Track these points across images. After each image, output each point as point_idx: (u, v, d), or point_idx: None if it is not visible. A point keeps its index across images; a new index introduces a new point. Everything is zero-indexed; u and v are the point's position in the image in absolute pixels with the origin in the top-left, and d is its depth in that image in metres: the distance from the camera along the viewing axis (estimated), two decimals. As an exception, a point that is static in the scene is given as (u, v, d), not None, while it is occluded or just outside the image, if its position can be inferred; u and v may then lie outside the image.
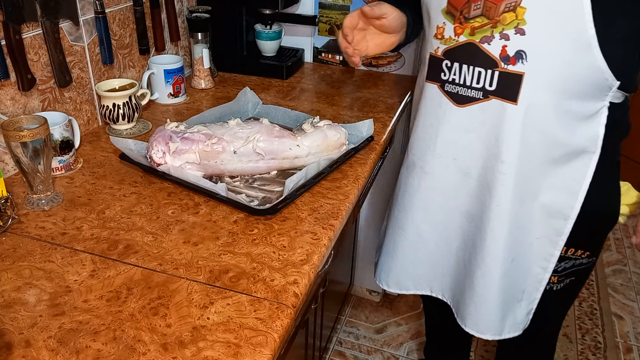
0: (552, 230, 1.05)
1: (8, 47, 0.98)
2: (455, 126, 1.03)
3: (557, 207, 1.03)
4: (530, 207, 1.04)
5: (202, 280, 0.78)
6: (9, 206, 0.87)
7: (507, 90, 0.94)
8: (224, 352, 0.66)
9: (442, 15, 0.99)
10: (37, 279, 0.77)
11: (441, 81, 1.02)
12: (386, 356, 1.86)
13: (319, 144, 1.06)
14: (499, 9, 0.90)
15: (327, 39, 1.66)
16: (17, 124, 0.90)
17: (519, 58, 0.91)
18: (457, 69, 0.99)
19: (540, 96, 0.92)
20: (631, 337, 2.00)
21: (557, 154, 0.98)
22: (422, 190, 1.15)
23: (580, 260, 1.12)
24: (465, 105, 1.00)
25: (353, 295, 2.12)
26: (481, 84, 0.96)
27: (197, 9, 1.46)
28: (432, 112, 1.07)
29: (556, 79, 0.91)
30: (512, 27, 0.89)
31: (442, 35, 0.99)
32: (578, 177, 1.00)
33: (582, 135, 0.96)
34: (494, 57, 0.93)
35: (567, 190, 1.01)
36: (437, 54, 1.02)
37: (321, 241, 0.87)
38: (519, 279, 1.12)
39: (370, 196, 1.80)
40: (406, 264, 1.27)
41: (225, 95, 1.45)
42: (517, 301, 1.15)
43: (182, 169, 0.99)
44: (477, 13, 0.93)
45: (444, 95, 1.03)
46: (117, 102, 1.16)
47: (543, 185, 1.02)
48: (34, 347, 0.66)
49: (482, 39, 0.93)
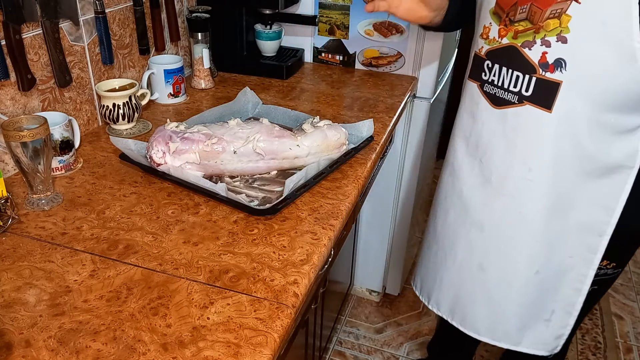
0: (585, 248, 1.03)
1: (8, 47, 0.98)
2: (488, 127, 1.03)
3: (591, 222, 1.01)
4: (562, 222, 1.02)
5: (202, 280, 0.78)
6: (9, 206, 0.87)
7: (543, 97, 0.93)
8: (224, 352, 0.66)
9: (490, 16, 0.98)
10: (37, 279, 0.77)
11: (481, 81, 1.02)
12: (386, 356, 1.86)
13: (319, 144, 1.06)
14: (544, 14, 0.89)
15: (327, 39, 1.66)
16: (17, 124, 0.89)
17: (558, 66, 0.90)
18: (497, 70, 0.98)
19: (576, 106, 0.91)
20: (631, 337, 2.00)
21: (591, 167, 0.96)
22: (448, 188, 1.15)
23: (605, 271, 1.11)
24: (501, 107, 0.99)
25: (353, 295, 2.12)
26: (518, 88, 0.95)
27: (197, 9, 1.46)
28: (469, 110, 1.07)
29: (595, 90, 0.89)
30: (554, 34, 0.88)
31: (487, 35, 0.99)
32: (615, 193, 0.97)
33: (619, 150, 0.94)
34: (533, 63, 0.92)
35: (603, 206, 0.99)
36: (481, 53, 1.01)
37: (321, 241, 0.87)
38: (546, 295, 1.10)
39: (370, 196, 1.80)
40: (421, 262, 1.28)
41: (225, 95, 1.45)
42: (544, 320, 1.13)
43: (182, 169, 0.99)
44: (522, 17, 0.92)
45: (482, 95, 1.02)
46: (117, 102, 1.16)
47: (577, 200, 0.99)
48: (34, 347, 0.66)
49: (524, 44, 0.92)
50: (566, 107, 0.91)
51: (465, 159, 1.09)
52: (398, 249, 1.95)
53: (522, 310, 1.11)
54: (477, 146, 1.06)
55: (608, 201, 0.98)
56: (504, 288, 1.10)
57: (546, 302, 1.11)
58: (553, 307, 1.11)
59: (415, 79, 1.62)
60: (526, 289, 1.09)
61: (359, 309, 2.06)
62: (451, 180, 1.14)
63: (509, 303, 1.11)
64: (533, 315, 1.13)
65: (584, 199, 0.99)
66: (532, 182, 0.99)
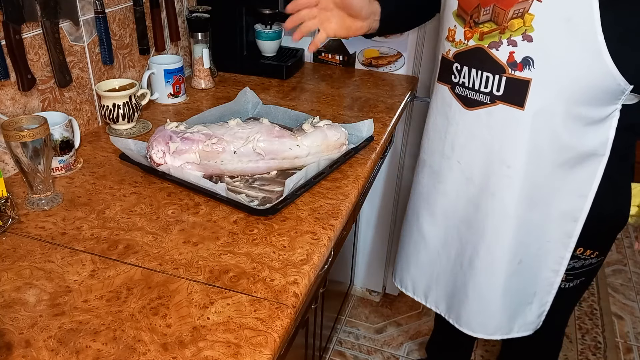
0: (562, 233, 1.05)
1: (8, 47, 0.98)
2: (463, 129, 1.03)
3: (567, 209, 1.03)
4: (541, 212, 1.03)
5: (202, 280, 0.78)
6: (9, 206, 0.87)
7: (514, 96, 0.94)
8: (224, 352, 0.66)
9: (453, 18, 0.99)
10: (37, 279, 0.77)
11: (452, 83, 1.03)
12: (386, 356, 1.86)
13: (319, 144, 1.06)
14: (507, 15, 0.89)
15: (327, 39, 1.65)
16: (17, 124, 0.89)
17: (526, 64, 0.90)
18: (466, 72, 0.99)
19: (547, 102, 0.92)
20: (631, 337, 2.00)
21: (565, 158, 0.97)
22: (429, 189, 1.16)
23: (589, 260, 1.12)
24: (474, 108, 1.00)
25: (353, 295, 2.12)
26: (489, 89, 0.96)
27: (197, 9, 1.46)
28: (442, 112, 1.07)
29: (565, 85, 0.90)
30: (519, 34, 0.89)
31: (453, 38, 0.99)
32: (587, 180, 0.99)
33: (592, 139, 0.96)
34: (501, 63, 0.93)
35: (577, 193, 1.01)
36: (449, 56, 1.02)
37: (321, 241, 0.87)
38: (528, 281, 1.12)
39: (370, 196, 1.80)
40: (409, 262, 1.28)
41: (225, 95, 1.45)
42: (528, 303, 1.15)
43: (182, 169, 0.99)
44: (487, 18, 0.93)
45: (453, 98, 1.03)
46: (117, 102, 1.16)
47: (553, 189, 1.01)
48: (34, 347, 0.66)
49: (491, 44, 0.93)
50: (538, 104, 0.92)
51: (443, 161, 1.10)
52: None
53: (509, 300, 1.14)
54: (453, 148, 1.07)
55: (582, 188, 1.00)
56: (492, 283, 1.11)
57: (528, 287, 1.13)
58: (534, 289, 1.13)
59: (415, 79, 1.62)
60: (511, 279, 1.11)
61: (359, 309, 2.06)
62: (432, 183, 1.15)
63: (498, 297, 1.13)
64: (519, 303, 1.15)
65: (560, 188, 1.01)
66: (511, 178, 1.00)
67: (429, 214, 1.18)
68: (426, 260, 1.23)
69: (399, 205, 1.85)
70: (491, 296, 1.13)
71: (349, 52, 1.65)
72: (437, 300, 1.26)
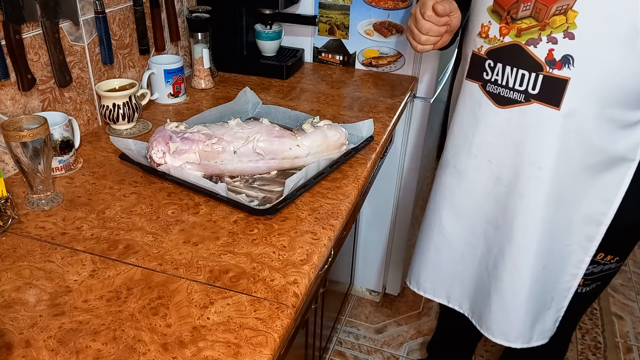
0: (584, 237, 1.04)
1: (8, 47, 0.98)
2: (493, 127, 1.01)
3: (591, 213, 1.01)
4: (565, 214, 1.02)
5: (202, 280, 0.78)
6: (9, 206, 0.87)
7: (551, 95, 0.92)
8: (224, 352, 0.66)
9: (488, 14, 0.96)
10: (37, 279, 0.77)
11: (483, 80, 1.00)
12: (386, 356, 1.86)
13: (319, 144, 1.06)
14: (550, 11, 0.87)
15: (327, 39, 1.66)
16: (17, 124, 0.89)
17: (566, 63, 0.89)
18: (500, 69, 0.96)
19: (583, 103, 0.90)
20: (631, 337, 2.00)
21: (594, 161, 0.96)
22: (453, 190, 1.14)
23: (609, 265, 1.11)
24: (506, 106, 0.98)
25: (353, 295, 2.12)
26: (524, 87, 0.94)
27: (197, 9, 1.46)
28: (471, 111, 1.05)
29: (602, 85, 0.89)
30: (561, 31, 0.87)
31: (487, 34, 0.97)
32: (615, 185, 0.98)
33: (622, 143, 0.95)
34: (539, 61, 0.91)
35: (603, 198, 1.00)
36: (480, 52, 0.99)
37: (321, 241, 0.87)
38: (548, 286, 1.10)
39: (370, 196, 1.80)
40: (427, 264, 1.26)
41: (225, 95, 1.45)
42: (546, 309, 1.14)
43: (182, 169, 0.99)
44: (526, 14, 0.91)
45: (484, 95, 1.01)
46: (117, 102, 1.16)
47: (579, 192, 1.00)
48: (34, 347, 0.66)
49: (529, 41, 0.91)
50: (574, 104, 0.91)
51: (470, 160, 1.08)
52: (398, 249, 1.95)
53: (532, 307, 1.12)
54: (482, 147, 1.05)
55: (608, 192, 0.99)
56: (516, 289, 1.09)
57: (548, 292, 1.11)
58: (552, 294, 1.12)
59: (415, 79, 1.62)
60: (535, 285, 1.09)
61: (359, 309, 2.06)
62: (456, 182, 1.13)
63: (522, 304, 1.10)
64: (540, 309, 1.13)
65: (586, 192, 0.99)
66: (540, 179, 0.98)
67: (453, 214, 1.16)
68: (449, 261, 1.21)
69: (399, 205, 1.85)
70: (515, 303, 1.11)
71: (349, 52, 1.65)
72: (460, 300, 1.24)
